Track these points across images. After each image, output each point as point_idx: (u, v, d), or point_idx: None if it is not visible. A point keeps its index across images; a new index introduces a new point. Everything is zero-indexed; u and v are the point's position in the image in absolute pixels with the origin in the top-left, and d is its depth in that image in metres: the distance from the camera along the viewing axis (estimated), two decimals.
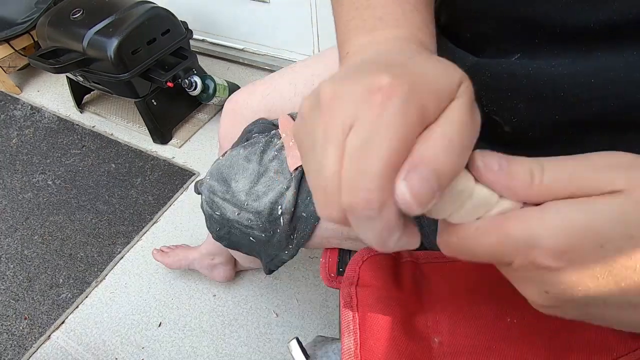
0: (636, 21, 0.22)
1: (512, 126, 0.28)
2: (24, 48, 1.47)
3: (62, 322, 0.95)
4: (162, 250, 0.99)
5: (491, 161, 0.17)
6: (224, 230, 0.55)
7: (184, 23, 1.27)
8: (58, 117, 1.47)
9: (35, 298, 0.99)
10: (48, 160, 1.32)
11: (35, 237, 1.11)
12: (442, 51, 0.32)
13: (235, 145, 0.53)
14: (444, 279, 0.32)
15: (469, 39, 0.31)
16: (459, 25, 0.32)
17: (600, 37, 0.23)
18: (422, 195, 0.15)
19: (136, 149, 1.32)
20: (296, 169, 0.44)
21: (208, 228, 0.57)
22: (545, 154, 0.28)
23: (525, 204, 0.18)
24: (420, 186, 0.15)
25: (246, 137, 0.52)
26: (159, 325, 0.94)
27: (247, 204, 0.48)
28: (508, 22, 0.28)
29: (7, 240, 1.11)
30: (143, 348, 0.90)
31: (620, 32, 0.23)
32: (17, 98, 1.57)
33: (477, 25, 0.30)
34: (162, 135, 1.32)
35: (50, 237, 1.11)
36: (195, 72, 1.24)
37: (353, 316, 0.38)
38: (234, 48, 1.57)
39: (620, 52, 0.23)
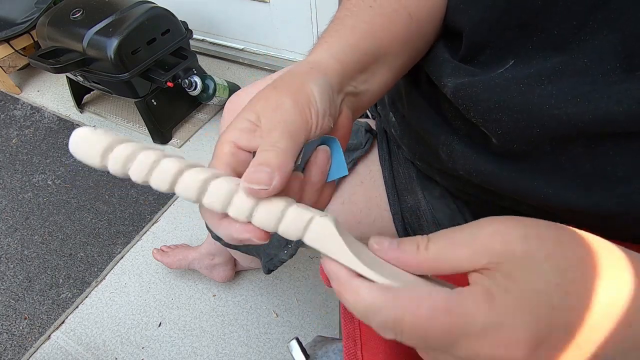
0: (629, 19, 0.22)
1: (498, 138, 0.29)
2: (24, 48, 1.47)
3: (62, 322, 0.95)
4: (162, 250, 0.99)
5: (383, 240, 0.20)
6: None
7: (184, 23, 1.27)
8: (58, 117, 1.47)
9: (35, 298, 0.99)
10: (48, 160, 1.32)
11: (35, 237, 1.11)
12: (436, 63, 0.33)
13: None
14: (441, 275, 0.32)
15: (465, 44, 0.32)
16: (456, 31, 0.32)
17: (589, 48, 0.24)
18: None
19: None
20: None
21: (207, 227, 0.57)
22: (532, 166, 0.28)
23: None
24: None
25: None
26: (159, 325, 0.94)
27: None
28: (505, 26, 0.28)
29: (7, 240, 1.11)
30: (143, 348, 0.90)
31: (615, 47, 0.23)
32: (17, 98, 1.57)
33: (475, 29, 0.30)
34: (162, 135, 1.32)
35: (50, 237, 1.11)
36: (195, 72, 1.24)
37: (353, 317, 0.38)
38: (234, 48, 1.57)
39: (608, 76, 0.24)
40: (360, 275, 0.19)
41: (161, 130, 1.31)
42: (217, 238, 0.57)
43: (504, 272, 0.17)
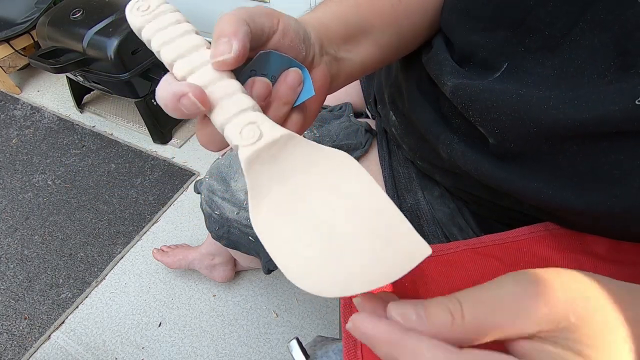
0: (619, 18, 0.22)
1: (495, 138, 0.29)
2: (24, 48, 1.47)
3: (62, 322, 0.95)
4: (162, 250, 0.99)
5: (408, 312, 0.18)
6: (223, 230, 0.55)
7: None
8: (58, 117, 1.47)
9: (35, 298, 0.99)
10: (48, 160, 1.32)
11: (35, 237, 1.11)
12: (436, 62, 0.33)
13: None
14: (442, 274, 0.32)
15: (456, 46, 0.32)
16: (450, 32, 0.32)
17: (582, 48, 0.24)
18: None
19: (136, 149, 1.32)
20: None
21: (207, 227, 0.57)
22: (530, 166, 0.28)
23: None
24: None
25: None
26: (159, 325, 0.94)
27: (246, 203, 0.48)
28: (497, 27, 0.28)
29: (7, 240, 1.11)
30: (143, 348, 0.90)
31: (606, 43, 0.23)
32: (17, 98, 1.57)
33: (469, 31, 0.30)
34: (162, 135, 1.32)
35: (50, 237, 1.11)
36: None
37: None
38: None
39: (603, 76, 0.24)
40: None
41: (161, 130, 1.31)
42: (217, 238, 0.57)
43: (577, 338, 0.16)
